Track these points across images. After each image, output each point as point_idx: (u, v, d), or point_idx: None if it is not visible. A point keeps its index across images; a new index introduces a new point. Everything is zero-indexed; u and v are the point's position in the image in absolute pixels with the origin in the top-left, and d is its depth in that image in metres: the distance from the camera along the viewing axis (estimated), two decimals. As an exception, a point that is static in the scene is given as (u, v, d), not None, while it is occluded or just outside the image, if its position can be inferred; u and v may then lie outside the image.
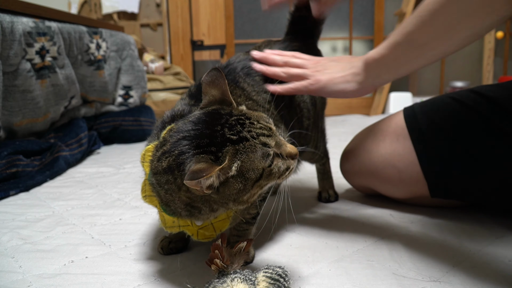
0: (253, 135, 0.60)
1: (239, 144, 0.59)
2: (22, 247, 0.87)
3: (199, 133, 0.60)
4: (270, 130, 0.62)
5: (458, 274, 0.70)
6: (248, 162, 0.59)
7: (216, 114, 0.63)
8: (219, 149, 0.59)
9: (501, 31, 3.09)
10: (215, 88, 0.66)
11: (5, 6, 1.45)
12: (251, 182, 0.60)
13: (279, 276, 0.62)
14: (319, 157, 1.08)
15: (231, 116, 0.62)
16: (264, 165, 0.60)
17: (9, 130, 1.47)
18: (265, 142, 0.60)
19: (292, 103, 0.92)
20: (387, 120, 1.05)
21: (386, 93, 3.15)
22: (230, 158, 0.58)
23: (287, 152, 0.63)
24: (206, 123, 0.62)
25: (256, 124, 0.62)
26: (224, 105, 0.65)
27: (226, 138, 0.59)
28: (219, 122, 0.61)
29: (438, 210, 1.01)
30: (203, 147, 0.59)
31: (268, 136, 0.62)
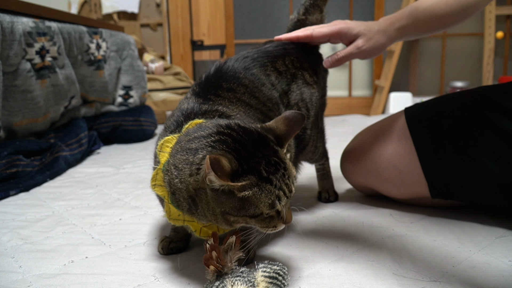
0: (277, 185, 0.61)
1: (263, 182, 0.61)
2: (22, 247, 0.87)
3: (243, 143, 0.63)
4: (290, 191, 0.64)
5: (458, 274, 0.70)
6: (255, 199, 0.60)
7: (266, 143, 0.64)
8: (246, 171, 0.60)
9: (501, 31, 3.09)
10: (287, 125, 0.67)
11: (5, 6, 1.45)
12: (244, 213, 0.61)
13: (277, 274, 0.62)
14: (318, 157, 1.07)
15: (275, 155, 0.63)
16: (265, 211, 0.62)
17: (9, 130, 1.47)
18: (280, 196, 0.62)
19: (289, 102, 0.93)
20: (388, 120, 1.05)
21: (386, 93, 3.15)
22: (245, 185, 0.60)
23: (286, 217, 0.64)
24: (254, 142, 0.63)
25: (286, 178, 0.63)
26: (278, 142, 0.66)
27: (258, 169, 0.61)
28: (264, 152, 0.63)
29: (438, 210, 1.01)
30: (238, 155, 0.61)
31: (286, 193, 0.63)
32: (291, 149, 0.89)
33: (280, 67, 0.92)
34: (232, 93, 0.82)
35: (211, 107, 0.77)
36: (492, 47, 3.04)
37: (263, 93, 0.86)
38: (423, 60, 3.42)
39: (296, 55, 0.96)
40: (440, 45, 3.35)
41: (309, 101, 0.97)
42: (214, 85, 0.82)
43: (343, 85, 3.46)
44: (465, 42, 3.32)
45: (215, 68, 0.87)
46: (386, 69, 3.17)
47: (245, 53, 0.92)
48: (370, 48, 0.93)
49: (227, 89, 0.82)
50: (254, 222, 0.63)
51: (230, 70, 0.86)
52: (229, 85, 0.82)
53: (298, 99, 0.94)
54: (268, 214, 0.62)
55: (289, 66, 0.94)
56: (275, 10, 3.41)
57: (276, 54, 0.94)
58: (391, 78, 3.13)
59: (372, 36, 0.93)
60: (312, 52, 1.03)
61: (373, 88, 3.40)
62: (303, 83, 0.95)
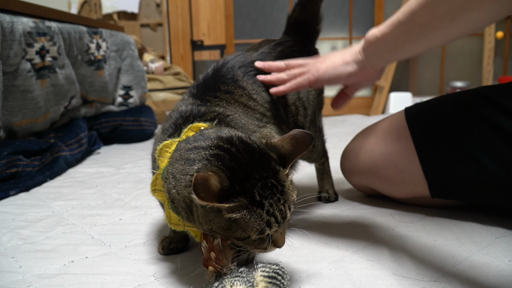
0: (269, 210, 0.59)
1: (254, 206, 0.58)
2: (22, 247, 0.87)
3: (241, 162, 0.60)
4: (284, 218, 0.61)
5: (458, 274, 0.70)
6: (243, 223, 0.58)
7: (267, 162, 0.62)
8: (238, 193, 0.58)
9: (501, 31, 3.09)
10: (293, 145, 0.64)
11: (5, 6, 1.45)
12: (231, 234, 0.60)
13: (276, 274, 0.61)
14: (317, 156, 1.07)
15: (274, 176, 0.61)
16: (252, 235, 0.59)
17: (9, 130, 1.47)
18: (271, 222, 0.59)
19: (286, 102, 0.93)
20: (388, 120, 1.05)
21: (386, 93, 3.15)
22: (234, 207, 0.58)
23: (278, 241, 0.62)
24: (254, 161, 0.61)
25: (281, 203, 0.60)
26: (281, 161, 0.63)
27: (251, 191, 0.58)
28: (262, 172, 0.60)
29: (438, 210, 1.01)
30: (232, 175, 0.59)
31: (277, 220, 0.60)
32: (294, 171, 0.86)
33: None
34: (230, 95, 0.82)
35: (208, 108, 0.77)
36: (492, 47, 3.03)
37: (261, 95, 0.86)
38: (423, 60, 3.42)
39: (292, 54, 0.96)
40: (440, 45, 3.35)
41: (306, 99, 0.97)
42: (212, 87, 0.82)
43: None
44: (465, 42, 3.32)
45: (213, 70, 0.87)
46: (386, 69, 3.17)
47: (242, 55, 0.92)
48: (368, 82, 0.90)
49: (225, 91, 0.82)
50: (242, 244, 0.62)
51: (229, 73, 0.85)
52: (227, 88, 0.82)
53: (295, 99, 0.94)
54: (257, 237, 0.60)
55: None
56: (275, 10, 3.41)
57: (273, 55, 0.94)
58: (391, 78, 3.13)
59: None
60: (308, 50, 1.03)
61: (373, 88, 3.40)
62: None
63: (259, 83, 0.88)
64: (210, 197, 0.56)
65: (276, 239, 0.61)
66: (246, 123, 0.79)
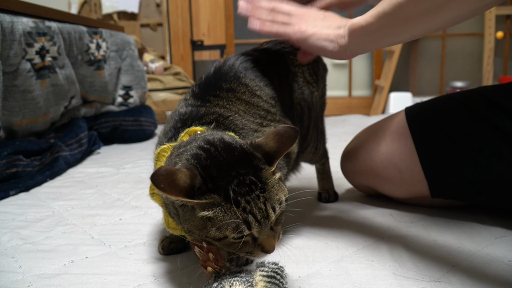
0: (245, 208, 0.56)
1: (227, 203, 0.56)
2: (22, 247, 0.87)
3: (217, 160, 0.59)
4: (266, 217, 0.58)
5: (458, 274, 0.70)
6: (218, 221, 0.56)
7: (248, 160, 0.60)
8: (211, 190, 0.57)
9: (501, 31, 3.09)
10: (277, 141, 0.61)
11: (5, 6, 1.45)
12: (206, 234, 0.58)
13: (275, 273, 0.61)
14: (318, 158, 1.07)
15: (254, 174, 0.58)
16: (229, 235, 0.57)
17: (9, 130, 1.47)
18: (249, 221, 0.56)
19: (292, 101, 0.92)
20: (388, 120, 1.05)
21: (386, 93, 3.15)
22: (205, 204, 0.56)
23: (264, 245, 0.59)
24: (232, 159, 0.59)
25: (260, 201, 0.57)
26: (267, 159, 0.61)
27: (226, 188, 0.57)
28: (240, 170, 0.58)
29: (438, 210, 1.01)
30: (206, 173, 0.58)
31: (257, 218, 0.57)
32: (283, 168, 0.83)
33: (280, 70, 0.92)
34: (231, 93, 0.81)
35: (208, 109, 0.76)
36: (492, 47, 3.03)
37: (265, 91, 0.86)
38: (423, 60, 3.42)
39: (296, 53, 0.96)
40: (440, 45, 3.35)
41: (310, 100, 0.97)
42: (214, 86, 0.82)
43: (343, 85, 3.46)
44: (465, 42, 3.32)
45: (214, 69, 0.86)
46: (386, 69, 3.17)
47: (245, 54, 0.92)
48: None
49: (227, 89, 0.81)
50: (221, 245, 0.59)
51: (231, 71, 0.85)
52: (229, 86, 0.82)
53: (300, 98, 0.94)
54: (237, 238, 0.57)
55: (290, 67, 0.94)
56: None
57: (276, 54, 0.94)
58: (391, 78, 3.13)
59: None
60: None
61: (373, 88, 3.40)
62: (303, 82, 0.95)
63: (262, 79, 0.87)
64: (175, 191, 0.54)
65: (262, 243, 0.58)
66: (247, 123, 0.78)
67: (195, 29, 3.51)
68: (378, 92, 3.23)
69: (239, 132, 0.75)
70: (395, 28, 0.73)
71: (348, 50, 0.81)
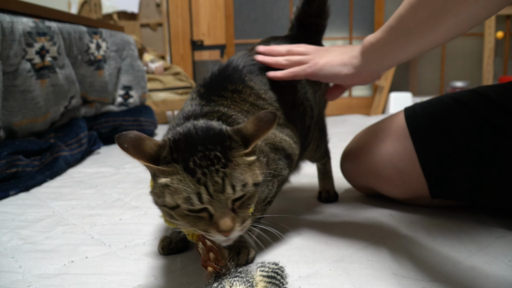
0: (200, 179, 0.57)
1: (185, 173, 0.57)
2: (22, 247, 0.87)
3: (190, 136, 0.61)
4: (220, 191, 0.57)
5: (458, 274, 0.70)
6: (173, 188, 0.57)
7: (222, 139, 0.60)
8: (175, 160, 0.58)
9: (501, 31, 3.09)
10: (256, 125, 0.61)
11: (5, 6, 1.45)
12: (163, 201, 0.59)
13: (275, 273, 0.61)
14: (320, 156, 1.08)
15: (222, 151, 0.59)
16: (181, 204, 0.58)
17: (9, 130, 1.47)
18: (201, 192, 0.57)
19: (295, 102, 0.92)
20: (387, 120, 1.05)
21: (386, 93, 3.15)
22: (165, 171, 0.58)
23: (218, 223, 0.58)
24: (205, 137, 0.60)
25: (218, 175, 0.57)
26: (244, 142, 0.61)
27: (187, 160, 0.58)
28: (208, 145, 0.59)
29: (438, 210, 1.01)
30: (175, 145, 0.60)
31: (209, 191, 0.57)
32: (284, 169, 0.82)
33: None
34: (237, 94, 0.81)
35: (212, 108, 0.77)
36: (492, 47, 3.03)
37: (269, 94, 0.86)
38: (423, 60, 3.42)
39: None
40: (440, 45, 3.35)
41: (312, 100, 0.97)
42: (219, 86, 0.82)
43: (343, 85, 3.45)
44: (465, 42, 3.32)
45: (219, 70, 0.87)
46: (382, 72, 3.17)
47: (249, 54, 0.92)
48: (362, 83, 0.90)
49: (232, 90, 0.82)
50: (177, 216, 0.60)
51: (236, 72, 0.85)
52: (235, 87, 0.82)
53: (303, 98, 0.94)
54: (191, 212, 0.58)
55: None
56: (275, 10, 3.41)
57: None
58: (391, 78, 3.13)
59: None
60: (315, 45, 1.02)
61: (373, 88, 3.40)
62: (306, 82, 0.95)
63: (266, 82, 0.88)
64: (139, 154, 0.57)
65: (217, 221, 0.57)
66: None
67: (195, 29, 3.51)
68: (378, 92, 3.23)
69: None
70: (401, 40, 0.73)
71: (364, 70, 0.82)
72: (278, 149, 0.81)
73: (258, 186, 0.62)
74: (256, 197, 0.63)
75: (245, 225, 0.61)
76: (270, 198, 0.79)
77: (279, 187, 0.83)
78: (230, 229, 0.58)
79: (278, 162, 0.80)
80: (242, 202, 0.61)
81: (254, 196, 0.63)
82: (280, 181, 0.82)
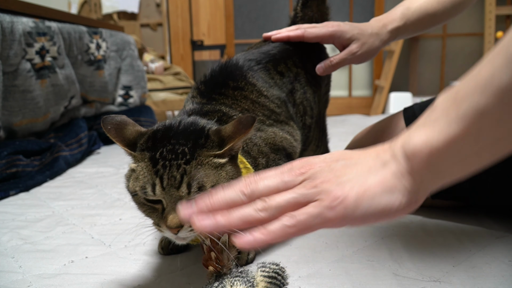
0: (159, 171, 0.57)
1: (149, 162, 0.58)
2: (22, 247, 0.87)
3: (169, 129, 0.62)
4: (174, 187, 0.56)
5: (458, 274, 0.70)
6: (136, 173, 0.60)
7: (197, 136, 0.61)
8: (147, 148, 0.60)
9: (501, 31, 3.09)
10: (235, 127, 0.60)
11: (5, 6, 1.45)
12: (128, 185, 0.62)
13: (276, 274, 0.61)
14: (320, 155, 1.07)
15: (191, 148, 0.58)
16: (138, 191, 0.59)
17: (9, 130, 1.47)
18: (155, 183, 0.57)
19: (295, 101, 0.92)
20: (387, 121, 1.05)
21: (386, 93, 3.15)
22: (137, 157, 0.60)
23: (166, 217, 0.57)
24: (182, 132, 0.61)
25: (178, 171, 0.56)
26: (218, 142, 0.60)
27: (156, 150, 0.59)
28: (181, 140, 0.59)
29: (438, 210, 1.01)
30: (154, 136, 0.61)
31: (163, 184, 0.57)
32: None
33: (282, 69, 0.92)
34: (238, 91, 0.81)
35: (213, 107, 0.76)
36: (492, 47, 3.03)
37: (271, 92, 0.86)
38: (423, 60, 3.42)
39: (298, 52, 0.95)
40: (440, 45, 3.35)
41: (312, 99, 0.96)
42: (220, 84, 0.81)
43: (343, 85, 3.46)
44: (465, 42, 3.32)
45: (220, 67, 0.86)
46: (386, 69, 3.17)
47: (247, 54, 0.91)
48: (365, 53, 0.91)
49: (234, 87, 0.81)
50: (136, 203, 0.63)
51: (237, 69, 0.85)
52: (236, 84, 0.82)
53: (303, 98, 0.93)
54: (147, 201, 0.59)
55: (291, 67, 0.93)
56: (275, 10, 3.41)
57: (279, 55, 0.93)
58: (391, 78, 3.13)
59: (365, 41, 0.90)
60: (314, 46, 1.02)
61: (373, 88, 3.40)
62: (306, 81, 0.94)
63: (268, 80, 0.87)
64: (117, 137, 0.60)
65: (166, 215, 0.57)
66: None
67: (195, 29, 3.51)
68: (378, 92, 3.23)
69: None
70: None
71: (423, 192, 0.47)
72: (279, 149, 0.81)
73: None
74: None
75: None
76: None
77: None
78: (177, 227, 0.57)
79: (278, 162, 0.80)
80: None
81: None
82: None
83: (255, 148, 0.76)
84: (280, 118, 0.85)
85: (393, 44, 3.12)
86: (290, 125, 0.87)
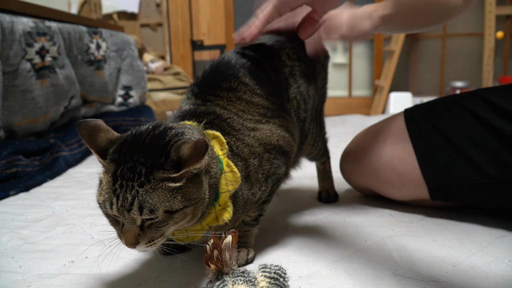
0: (116, 191, 0.58)
1: (111, 177, 0.59)
2: (22, 247, 0.87)
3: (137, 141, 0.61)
4: (126, 209, 0.57)
5: (458, 274, 0.70)
6: (101, 186, 0.60)
7: (159, 154, 0.59)
8: (115, 160, 0.60)
9: (501, 31, 3.09)
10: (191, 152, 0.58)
11: (5, 6, 1.45)
12: (96, 194, 0.62)
13: (277, 274, 0.62)
14: (318, 153, 1.05)
15: (148, 168, 0.58)
16: (100, 204, 0.61)
17: (9, 130, 1.47)
18: (112, 202, 0.58)
19: (289, 96, 0.90)
20: (387, 122, 1.05)
21: (386, 93, 3.15)
22: (104, 167, 0.61)
23: (123, 235, 0.60)
24: (148, 145, 0.60)
25: (130, 193, 0.57)
26: (175, 164, 0.59)
27: (119, 165, 0.59)
28: (142, 157, 0.59)
29: (438, 210, 1.01)
30: (121, 145, 0.61)
31: (117, 205, 0.58)
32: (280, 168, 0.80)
33: (277, 64, 0.90)
34: (232, 93, 0.80)
35: (207, 108, 0.76)
36: (492, 47, 3.03)
37: (264, 89, 0.84)
38: (423, 60, 3.42)
39: (291, 45, 0.93)
40: (440, 45, 3.35)
41: (306, 93, 0.94)
42: (213, 85, 0.80)
43: (343, 85, 3.46)
44: (465, 42, 3.32)
45: (211, 67, 0.84)
46: (386, 69, 3.17)
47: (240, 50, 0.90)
48: (355, 36, 0.89)
49: (227, 88, 0.80)
50: (102, 212, 0.63)
51: (229, 69, 0.83)
52: (229, 85, 0.81)
53: (296, 92, 0.91)
54: (109, 215, 0.61)
55: (286, 61, 0.91)
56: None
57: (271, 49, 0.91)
58: (391, 78, 3.13)
59: (356, 24, 0.87)
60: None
61: (373, 88, 3.40)
62: (300, 75, 0.92)
63: (261, 77, 0.85)
64: (90, 143, 0.61)
65: (123, 232, 0.59)
66: (244, 122, 0.77)
67: (195, 29, 3.51)
68: (378, 92, 3.23)
69: (233, 134, 0.74)
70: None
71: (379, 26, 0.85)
72: (274, 147, 0.79)
73: (175, 213, 0.59)
74: (173, 222, 0.60)
75: (154, 242, 0.61)
76: (264, 198, 0.78)
77: (275, 186, 0.81)
78: (132, 245, 0.59)
79: (273, 161, 0.78)
80: (152, 223, 0.59)
81: (168, 222, 0.60)
82: (275, 179, 0.80)
83: (246, 149, 0.74)
84: (276, 114, 0.83)
85: (393, 44, 3.12)
86: (286, 120, 0.85)
